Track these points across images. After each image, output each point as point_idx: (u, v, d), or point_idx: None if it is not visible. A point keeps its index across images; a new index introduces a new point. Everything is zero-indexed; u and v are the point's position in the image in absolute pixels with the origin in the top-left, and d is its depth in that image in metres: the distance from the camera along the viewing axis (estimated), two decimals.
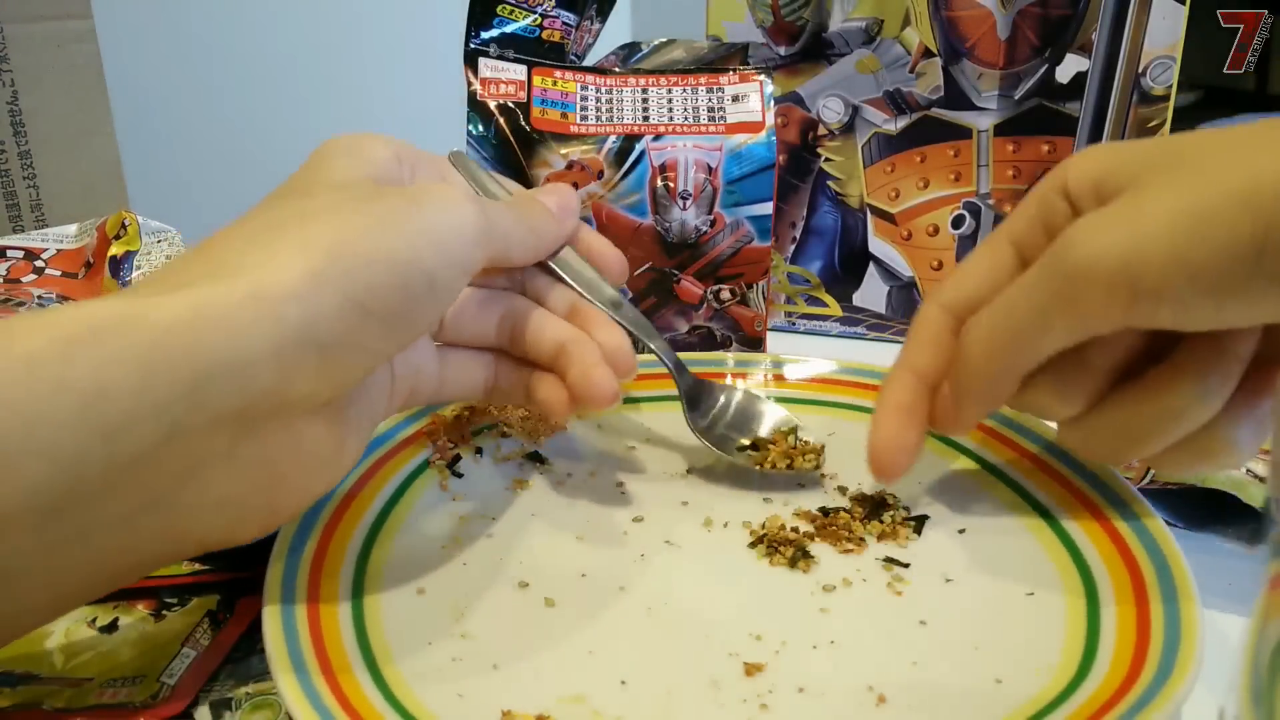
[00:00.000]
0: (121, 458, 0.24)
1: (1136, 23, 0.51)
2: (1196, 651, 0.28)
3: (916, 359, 0.35)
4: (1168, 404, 0.30)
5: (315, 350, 0.27)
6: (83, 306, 0.25)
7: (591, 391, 0.35)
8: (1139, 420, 0.31)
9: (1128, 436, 0.31)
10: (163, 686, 0.31)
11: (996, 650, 0.31)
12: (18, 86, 0.64)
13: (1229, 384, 0.30)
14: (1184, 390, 0.30)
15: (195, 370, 0.25)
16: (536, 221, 0.36)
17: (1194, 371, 0.30)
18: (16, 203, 0.65)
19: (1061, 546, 0.35)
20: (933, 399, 0.35)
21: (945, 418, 0.35)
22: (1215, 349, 0.29)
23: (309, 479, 0.30)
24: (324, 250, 0.27)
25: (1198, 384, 0.30)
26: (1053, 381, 0.32)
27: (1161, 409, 0.30)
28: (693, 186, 0.50)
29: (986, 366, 0.32)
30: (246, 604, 0.35)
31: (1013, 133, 0.55)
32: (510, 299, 0.38)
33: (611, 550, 0.37)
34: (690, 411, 0.41)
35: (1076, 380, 0.31)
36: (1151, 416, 0.31)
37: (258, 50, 0.96)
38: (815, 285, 0.61)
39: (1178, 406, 0.30)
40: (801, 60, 0.57)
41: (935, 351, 0.35)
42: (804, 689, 0.30)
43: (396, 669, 0.30)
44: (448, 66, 0.58)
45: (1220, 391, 0.30)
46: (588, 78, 0.52)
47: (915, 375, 0.35)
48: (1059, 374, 0.31)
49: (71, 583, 0.26)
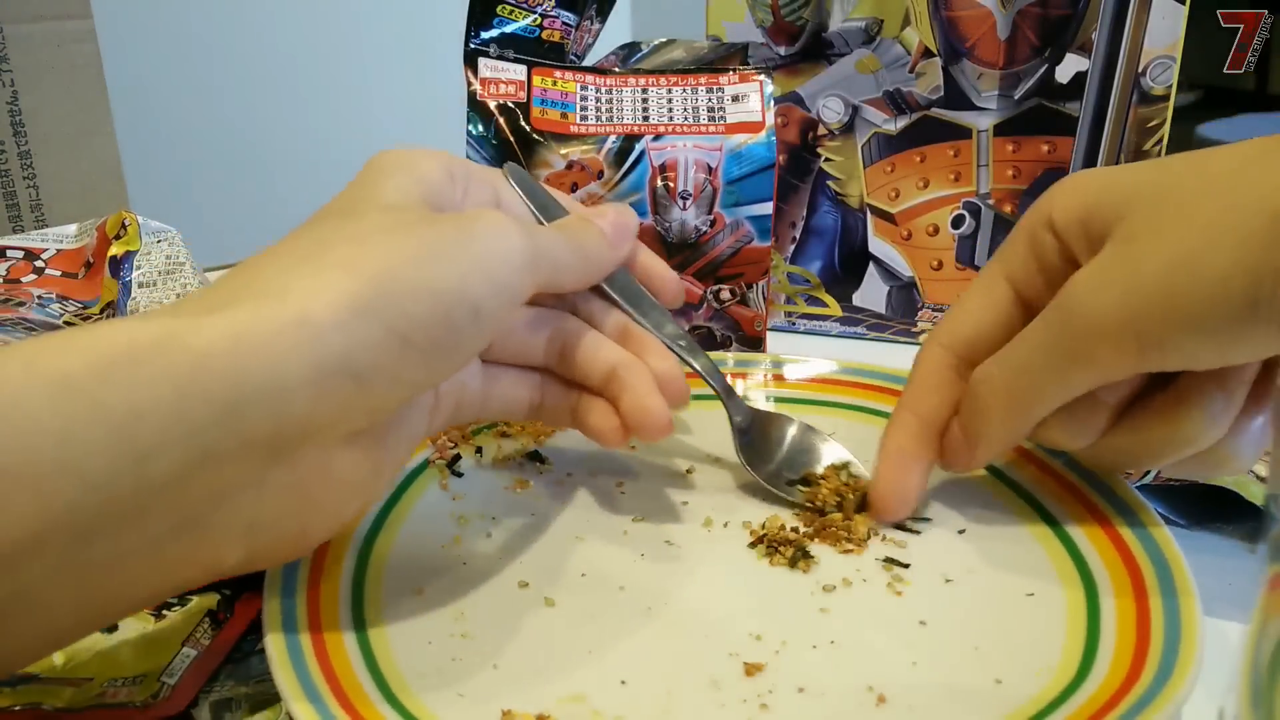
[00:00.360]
0: (153, 480, 0.24)
1: (1136, 22, 0.51)
2: (1197, 652, 0.28)
3: (919, 403, 0.36)
4: (1175, 430, 0.31)
5: (352, 379, 0.26)
6: (119, 327, 0.24)
7: (645, 421, 0.34)
8: (1147, 445, 0.32)
9: (1136, 457, 0.33)
10: (163, 686, 0.31)
11: (996, 651, 0.31)
12: (18, 86, 0.64)
13: (1234, 408, 0.30)
14: (1191, 417, 0.30)
15: (230, 396, 0.24)
16: (590, 247, 0.35)
17: (1200, 399, 0.30)
18: (16, 203, 0.65)
19: (1061, 547, 0.35)
20: (937, 439, 0.36)
21: (958, 458, 0.36)
22: (1220, 375, 0.30)
23: (341, 504, 0.29)
24: (369, 278, 0.27)
25: (1204, 410, 0.30)
26: (1065, 420, 0.33)
27: (1168, 435, 0.31)
28: (693, 186, 0.50)
29: (1006, 418, 0.33)
30: (247, 604, 0.35)
31: (1013, 133, 0.55)
32: (560, 318, 0.37)
33: (611, 550, 0.37)
34: (741, 441, 0.39)
35: (1088, 418, 0.32)
36: (1160, 441, 0.31)
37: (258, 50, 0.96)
38: (815, 285, 0.61)
39: (1185, 433, 0.31)
40: (801, 60, 0.57)
41: (938, 393, 0.36)
42: (804, 689, 0.30)
43: (396, 669, 0.30)
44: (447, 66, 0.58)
45: (1226, 416, 0.30)
46: (588, 78, 0.52)
47: (918, 418, 0.36)
48: (1071, 413, 0.32)
49: (98, 605, 0.26)
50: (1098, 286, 0.29)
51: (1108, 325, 0.28)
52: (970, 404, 0.34)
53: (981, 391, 0.33)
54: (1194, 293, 0.27)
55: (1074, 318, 0.29)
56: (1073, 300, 0.29)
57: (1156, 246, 0.28)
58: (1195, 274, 0.27)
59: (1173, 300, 0.27)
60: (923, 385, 0.36)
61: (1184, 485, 0.40)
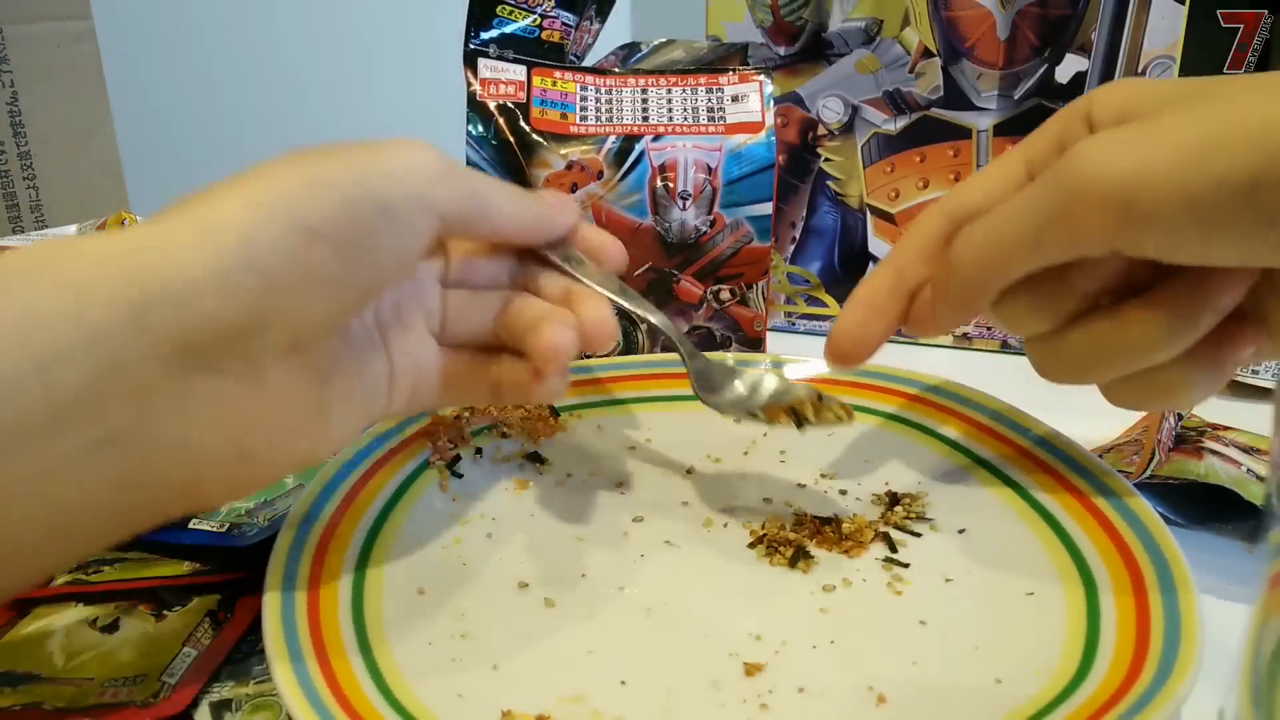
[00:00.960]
0: (64, 388, 0.24)
1: (1136, 22, 0.51)
2: (1196, 651, 0.28)
3: (904, 260, 0.36)
4: (1134, 335, 0.30)
5: (258, 276, 0.26)
6: (19, 250, 0.25)
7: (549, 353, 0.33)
8: (1103, 345, 0.31)
9: (1088, 359, 0.32)
10: (163, 686, 0.31)
11: (996, 650, 0.31)
12: (17, 87, 0.64)
13: (1197, 331, 0.30)
14: (1153, 324, 0.30)
15: (132, 297, 0.24)
16: (528, 199, 0.35)
17: (1167, 310, 0.30)
18: (16, 203, 0.65)
19: (1061, 546, 0.35)
20: (908, 301, 0.36)
21: (920, 320, 0.36)
22: (1194, 294, 0.30)
23: (282, 435, 0.29)
24: (268, 181, 0.27)
25: (1167, 323, 0.30)
26: (1030, 297, 0.32)
27: (1127, 339, 0.31)
28: (692, 187, 0.50)
29: (973, 275, 0.32)
30: (247, 604, 0.35)
31: (1012, 133, 0.55)
32: (509, 295, 0.37)
33: (611, 550, 0.37)
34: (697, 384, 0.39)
35: (1053, 299, 0.31)
36: (1116, 344, 0.31)
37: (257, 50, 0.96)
38: (815, 285, 0.61)
39: (1143, 339, 0.30)
40: (801, 60, 0.57)
41: (922, 256, 0.35)
42: (804, 689, 0.30)
43: (397, 669, 0.30)
44: (447, 67, 0.58)
45: (1187, 335, 0.30)
46: (587, 78, 0.52)
47: (898, 276, 0.36)
48: (1037, 290, 0.31)
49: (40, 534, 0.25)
50: (1107, 145, 0.28)
51: (1102, 185, 0.28)
52: (944, 260, 0.34)
53: (957, 247, 0.33)
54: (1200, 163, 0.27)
55: (1070, 173, 0.29)
56: (1077, 156, 0.29)
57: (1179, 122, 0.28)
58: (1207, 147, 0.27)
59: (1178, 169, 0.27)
60: (911, 246, 0.36)
61: (1183, 485, 0.40)
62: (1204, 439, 0.42)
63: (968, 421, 0.43)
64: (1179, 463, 0.40)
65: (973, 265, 0.32)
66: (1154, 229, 0.27)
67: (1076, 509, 0.37)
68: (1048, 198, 0.29)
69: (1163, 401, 0.32)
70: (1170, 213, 0.27)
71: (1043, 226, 0.30)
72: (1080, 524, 0.36)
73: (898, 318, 0.36)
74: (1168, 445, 0.41)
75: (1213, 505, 0.40)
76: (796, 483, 0.41)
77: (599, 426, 0.45)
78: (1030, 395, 0.40)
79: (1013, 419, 0.41)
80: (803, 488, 0.41)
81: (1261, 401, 0.50)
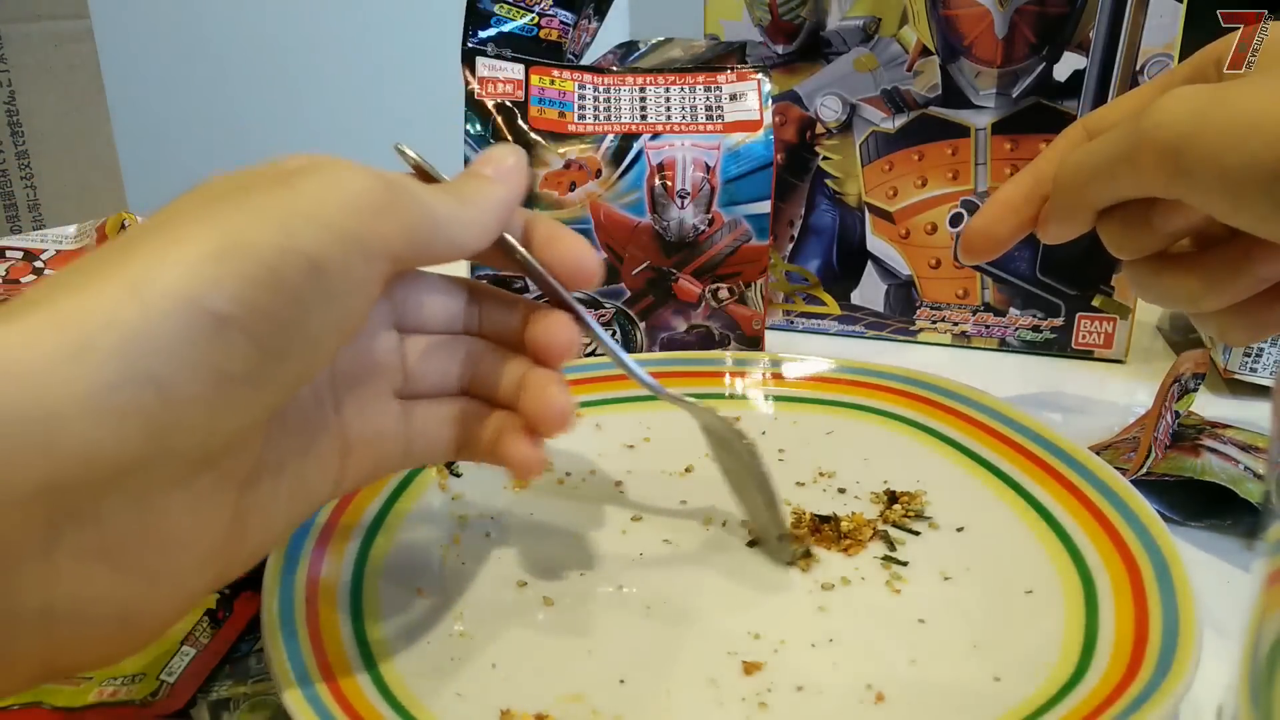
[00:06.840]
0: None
1: (1134, 21, 0.51)
2: (1194, 649, 0.28)
3: (1043, 167, 0.38)
4: (1180, 282, 0.35)
5: (149, 389, 0.20)
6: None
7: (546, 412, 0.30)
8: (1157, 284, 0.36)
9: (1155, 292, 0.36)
10: (162, 684, 0.31)
11: (995, 648, 0.31)
12: (15, 86, 0.64)
13: (1236, 291, 0.33)
14: (1192, 278, 0.34)
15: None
16: (473, 188, 0.29)
17: (1210, 270, 0.34)
18: (14, 203, 0.65)
19: (1060, 545, 0.35)
20: (1041, 204, 0.38)
21: (1040, 224, 0.38)
22: (1239, 258, 0.33)
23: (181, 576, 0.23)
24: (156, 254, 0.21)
25: (1206, 279, 0.34)
26: (1120, 224, 0.35)
27: (1175, 283, 0.35)
28: (691, 185, 0.50)
29: (1063, 195, 0.36)
30: (246, 603, 0.35)
31: (1010, 131, 0.55)
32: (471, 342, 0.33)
33: (610, 550, 0.37)
34: None
35: (1136, 231, 0.35)
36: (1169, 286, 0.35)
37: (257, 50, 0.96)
38: (813, 284, 0.61)
39: (1186, 288, 0.34)
40: (799, 59, 0.57)
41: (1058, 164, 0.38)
42: (803, 687, 0.30)
43: (396, 669, 0.30)
44: (446, 66, 0.58)
45: (1223, 295, 0.34)
46: (585, 77, 0.52)
47: (1036, 181, 0.38)
48: (1125, 221, 0.35)
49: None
50: (1181, 100, 0.30)
51: (1161, 135, 0.30)
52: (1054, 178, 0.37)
53: (1059, 167, 0.36)
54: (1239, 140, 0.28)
55: (1146, 119, 0.31)
56: (1156, 105, 0.31)
57: (1247, 93, 0.29)
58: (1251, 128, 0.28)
59: (1219, 140, 0.29)
60: (1052, 155, 0.38)
61: (1181, 482, 0.40)
62: (1202, 437, 0.42)
63: (966, 420, 0.43)
64: (1176, 459, 0.40)
65: (1063, 187, 0.36)
66: (1194, 187, 0.30)
67: (1075, 507, 0.37)
68: (1125, 139, 0.32)
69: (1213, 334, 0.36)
70: (1207, 178, 0.29)
71: (1116, 163, 0.32)
72: (1079, 522, 0.36)
73: (1030, 220, 0.38)
74: (1165, 443, 0.41)
75: (1210, 502, 0.40)
76: (795, 481, 0.41)
77: (598, 425, 0.45)
78: (1028, 394, 0.40)
79: (1011, 417, 0.42)
80: (801, 486, 0.41)
81: (1259, 399, 0.50)
